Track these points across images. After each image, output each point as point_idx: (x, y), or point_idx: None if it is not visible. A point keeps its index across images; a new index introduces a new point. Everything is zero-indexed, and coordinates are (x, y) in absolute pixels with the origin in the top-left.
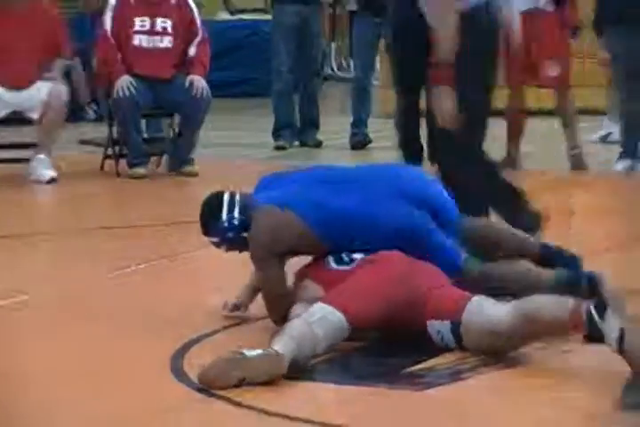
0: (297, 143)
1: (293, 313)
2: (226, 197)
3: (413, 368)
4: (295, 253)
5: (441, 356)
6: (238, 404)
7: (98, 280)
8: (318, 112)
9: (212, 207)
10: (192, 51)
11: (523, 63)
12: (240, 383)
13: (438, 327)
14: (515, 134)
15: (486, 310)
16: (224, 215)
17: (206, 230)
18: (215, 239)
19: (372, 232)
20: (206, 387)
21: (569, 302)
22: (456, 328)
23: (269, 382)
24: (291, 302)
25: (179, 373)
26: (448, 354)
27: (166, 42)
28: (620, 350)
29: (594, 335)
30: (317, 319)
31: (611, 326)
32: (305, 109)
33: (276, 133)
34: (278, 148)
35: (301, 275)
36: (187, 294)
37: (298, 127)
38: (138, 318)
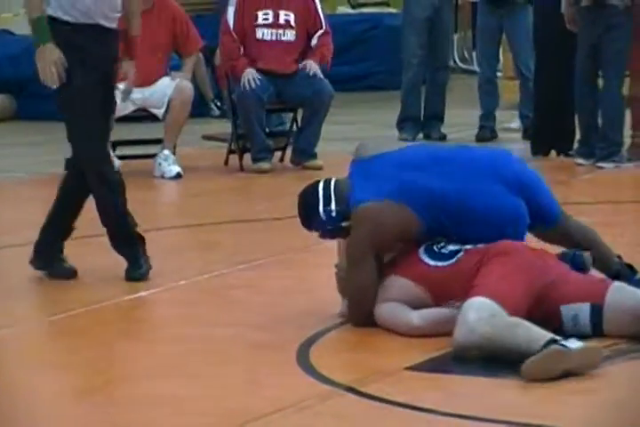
0: (421, 136)
1: (387, 311)
2: (320, 187)
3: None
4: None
5: None
6: (367, 395)
7: (225, 273)
8: (444, 105)
9: (308, 201)
10: (314, 42)
11: None
12: (562, 374)
13: (575, 311)
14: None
15: (634, 292)
16: (321, 209)
17: (306, 225)
18: (316, 233)
19: (469, 213)
20: (530, 378)
21: None
22: (597, 311)
23: (393, 374)
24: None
25: (306, 365)
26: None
27: (289, 35)
28: None
29: None
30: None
31: None
32: (431, 102)
33: (400, 125)
34: (401, 140)
35: (387, 272)
36: (311, 288)
37: (421, 120)
38: (263, 310)
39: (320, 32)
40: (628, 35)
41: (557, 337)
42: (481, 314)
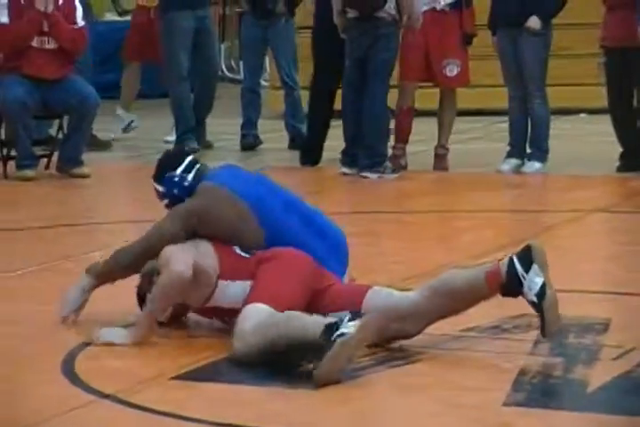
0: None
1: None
2: (189, 158)
3: (310, 366)
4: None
5: None
6: (132, 404)
7: None
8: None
9: (173, 159)
10: None
11: (419, 61)
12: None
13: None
14: (404, 133)
15: (388, 295)
16: (179, 171)
17: (158, 177)
18: (161, 189)
19: None
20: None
21: (483, 267)
22: (356, 317)
23: (159, 383)
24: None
25: (71, 375)
26: None
27: (52, 43)
28: (539, 305)
29: (511, 287)
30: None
31: (534, 279)
32: (199, 111)
33: (184, 137)
34: (194, 151)
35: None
36: None
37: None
38: (28, 321)
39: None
40: (395, 46)
41: (331, 320)
42: (257, 320)
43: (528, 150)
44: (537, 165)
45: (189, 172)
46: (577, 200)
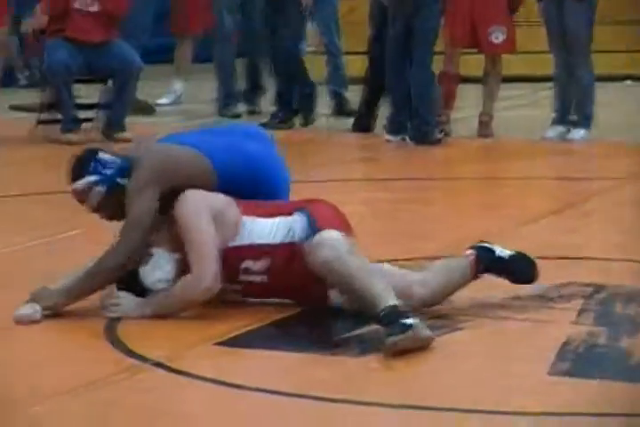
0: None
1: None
2: (102, 150)
3: (349, 334)
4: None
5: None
6: (174, 370)
7: (31, 246)
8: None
9: (90, 153)
10: None
11: (464, 28)
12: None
13: None
14: (449, 99)
15: (402, 271)
16: (106, 156)
17: (84, 171)
18: (93, 178)
19: (264, 177)
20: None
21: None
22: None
23: (203, 349)
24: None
25: (114, 340)
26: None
27: (95, 6)
28: (517, 253)
29: (486, 256)
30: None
31: (498, 247)
32: (252, 74)
33: (226, 101)
34: (235, 116)
35: None
36: None
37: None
38: None
39: None
40: (437, 14)
41: (399, 303)
42: (349, 245)
43: (574, 117)
44: (582, 131)
45: (113, 156)
46: (621, 167)
